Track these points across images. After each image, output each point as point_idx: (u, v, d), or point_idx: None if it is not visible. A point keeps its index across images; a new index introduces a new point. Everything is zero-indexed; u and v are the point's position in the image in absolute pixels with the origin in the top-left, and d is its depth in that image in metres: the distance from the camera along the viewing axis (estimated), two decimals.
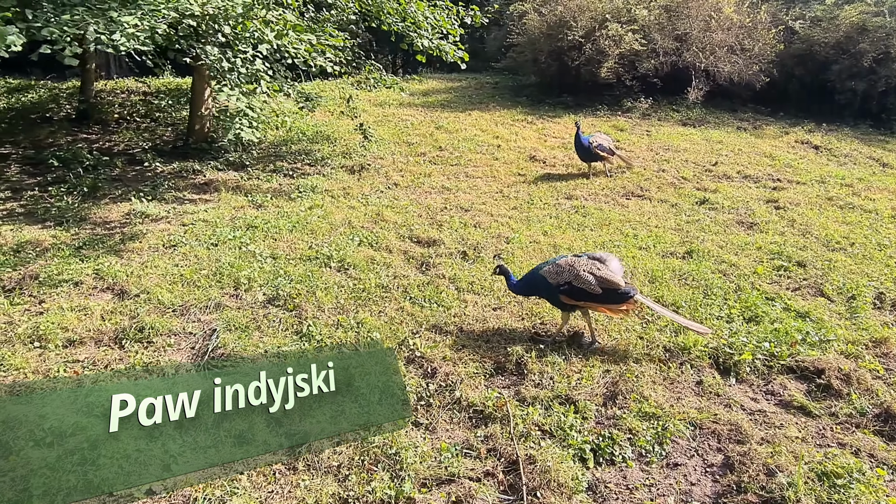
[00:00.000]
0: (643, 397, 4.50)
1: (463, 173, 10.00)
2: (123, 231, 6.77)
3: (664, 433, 4.21)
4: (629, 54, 14.55)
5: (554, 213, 8.25)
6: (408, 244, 6.86)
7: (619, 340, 5.21)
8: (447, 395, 4.42)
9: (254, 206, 7.87)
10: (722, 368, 5.05)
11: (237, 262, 5.98)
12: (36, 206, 7.43)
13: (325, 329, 5.01)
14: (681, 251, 6.99)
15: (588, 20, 14.63)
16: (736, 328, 5.43)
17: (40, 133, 10.62)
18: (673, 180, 9.95)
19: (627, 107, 15.11)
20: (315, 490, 3.52)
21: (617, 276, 4.96)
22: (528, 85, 17.11)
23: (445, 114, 13.99)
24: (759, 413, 4.56)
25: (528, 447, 3.98)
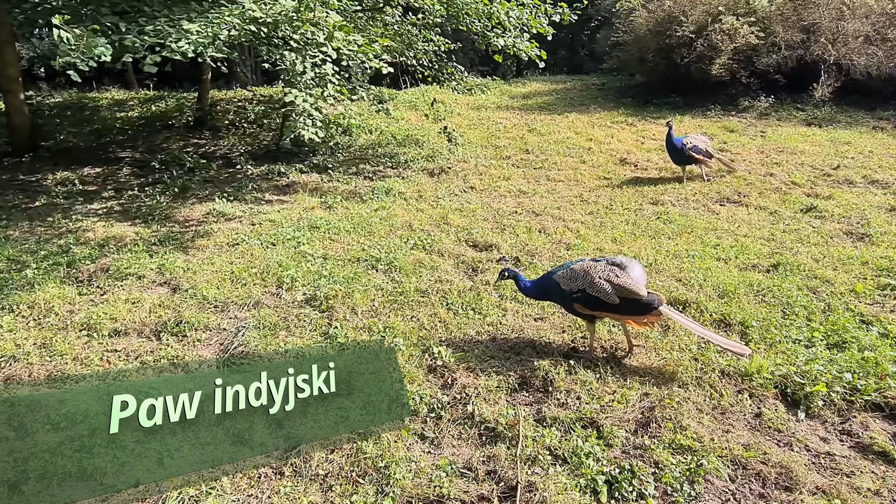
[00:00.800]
0: (681, 427, 3.99)
1: (545, 177, 9.62)
2: (197, 229, 7.15)
3: (697, 470, 3.68)
4: (745, 49, 13.36)
5: (632, 219, 7.68)
6: (462, 248, 6.66)
7: (668, 361, 4.68)
8: (460, 409, 4.17)
9: (324, 207, 8.03)
10: (790, 400, 4.38)
11: (286, 262, 6.09)
12: (131, 204, 8.07)
13: (352, 332, 4.93)
14: (765, 264, 6.21)
15: (700, 14, 13.62)
16: (814, 354, 4.70)
17: (157, 139, 11.60)
18: (779, 185, 8.94)
19: (744, 106, 13.89)
20: (295, 498, 3.43)
21: (637, 285, 4.43)
22: (635, 85, 16.26)
23: (541, 116, 13.61)
24: (825, 456, 3.89)
25: (532, 472, 3.65)
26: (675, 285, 5.76)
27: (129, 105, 14.60)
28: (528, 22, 9.97)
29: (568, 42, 26.43)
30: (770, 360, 4.67)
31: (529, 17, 9.96)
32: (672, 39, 13.71)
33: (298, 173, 9.62)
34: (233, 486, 3.48)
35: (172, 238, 6.84)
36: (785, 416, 4.23)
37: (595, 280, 4.40)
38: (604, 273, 4.44)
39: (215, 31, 5.81)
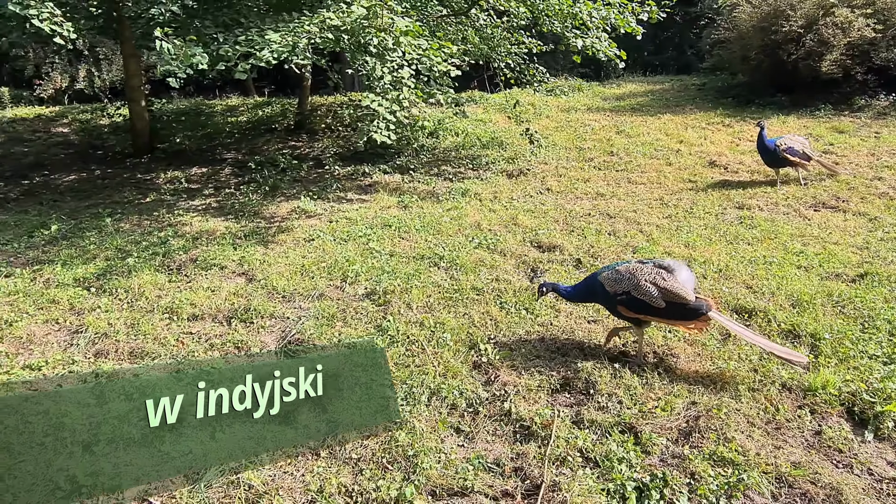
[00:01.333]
0: (725, 439, 3.82)
1: (626, 179, 9.38)
2: (280, 225, 7.63)
3: (737, 485, 3.52)
4: (861, 43, 12.27)
5: (711, 223, 7.34)
6: (527, 248, 6.66)
7: (724, 370, 4.47)
8: (498, 406, 4.22)
9: (400, 206, 8.30)
10: (857, 419, 4.07)
11: (354, 258, 6.38)
12: (227, 201, 8.74)
13: (404, 325, 5.11)
14: (852, 273, 5.75)
15: (811, 7, 12.67)
16: (892, 372, 4.32)
17: (259, 141, 12.43)
18: (887, 190, 8.20)
19: (859, 105, 12.79)
20: (327, 478, 3.62)
21: (685, 289, 4.25)
22: (736, 85, 15.38)
23: (632, 118, 13.23)
24: (889, 481, 3.59)
25: (559, 473, 3.64)
26: (744, 293, 5.47)
27: (240, 111, 15.72)
28: (615, 21, 9.76)
29: (675, 42, 25.44)
30: (839, 375, 4.35)
31: (616, 16, 9.75)
32: (778, 35, 12.85)
33: (381, 174, 9.98)
34: (272, 463, 3.74)
35: (256, 233, 7.35)
36: (849, 435, 3.94)
37: (640, 283, 4.29)
38: (650, 276, 4.32)
39: (294, 40, 6.20)
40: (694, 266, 6.05)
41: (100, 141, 13.30)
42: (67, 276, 6.27)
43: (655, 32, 28.03)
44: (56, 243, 7.40)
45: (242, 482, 3.53)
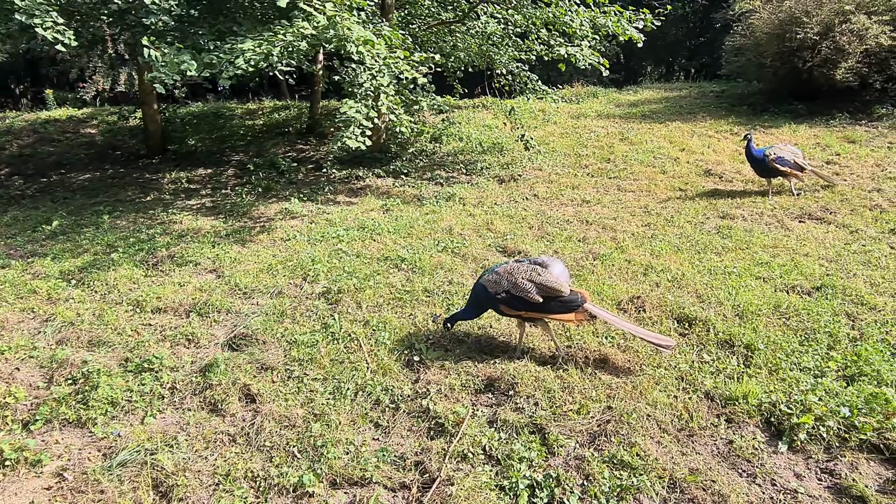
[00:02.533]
0: (629, 443, 3.88)
1: (616, 186, 9.37)
2: (264, 225, 7.91)
3: (629, 488, 3.59)
4: (879, 51, 11.94)
5: (688, 232, 7.30)
6: (490, 253, 6.77)
7: (651, 376, 4.51)
8: (419, 403, 4.36)
9: (383, 209, 8.49)
10: (774, 430, 4.07)
11: (320, 257, 6.59)
12: (222, 201, 9.09)
13: (348, 324, 5.29)
14: (808, 286, 5.67)
15: (827, 14, 12.39)
16: (818, 384, 4.29)
17: (268, 144, 12.82)
18: (881, 202, 8.00)
19: (879, 115, 12.43)
20: (234, 463, 3.82)
21: (559, 282, 4.40)
22: (754, 92, 15.12)
23: (640, 125, 13.15)
24: (788, 493, 3.60)
25: (457, 468, 3.76)
26: (691, 301, 5.47)
27: (258, 114, 16.20)
28: (613, 29, 9.80)
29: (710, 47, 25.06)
30: (763, 386, 4.35)
31: (614, 24, 9.78)
32: (793, 42, 12.59)
33: (375, 177, 10.20)
34: (189, 447, 3.95)
35: (239, 232, 7.65)
36: (762, 445, 3.94)
37: (518, 280, 4.44)
38: (526, 273, 4.48)
39: (268, 48, 6.46)
40: (650, 274, 6.07)
41: (120, 142, 13.93)
42: (54, 268, 6.67)
43: (689, 38, 27.74)
44: (55, 238, 7.85)
45: (156, 463, 3.75)
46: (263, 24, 7.54)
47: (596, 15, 9.83)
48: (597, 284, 5.83)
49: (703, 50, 26.67)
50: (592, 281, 5.93)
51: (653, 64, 28.68)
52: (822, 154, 10.58)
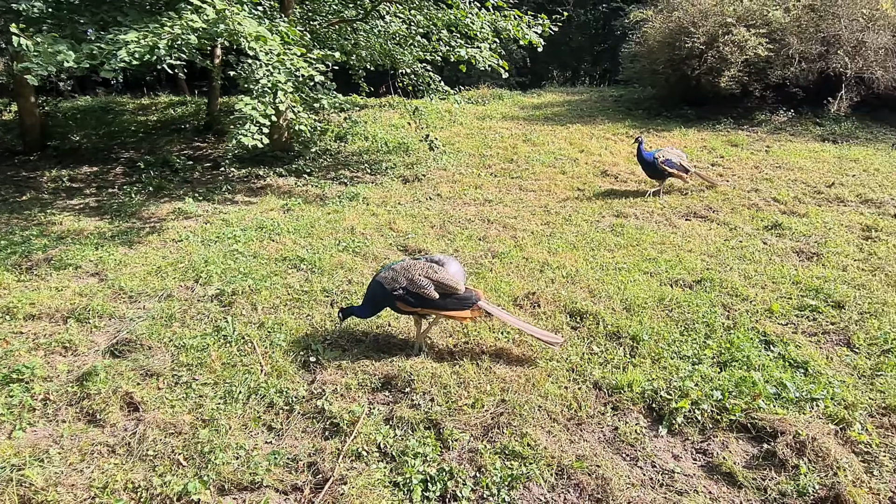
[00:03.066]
0: (521, 434, 3.98)
1: (518, 186, 9.61)
2: (154, 226, 7.53)
3: (520, 477, 3.68)
4: (758, 61, 12.94)
5: (583, 230, 7.60)
6: (392, 252, 6.77)
7: (544, 369, 4.65)
8: (314, 404, 4.28)
9: (283, 209, 8.29)
10: (655, 416, 4.29)
11: (214, 259, 6.34)
12: (108, 201, 8.56)
13: (242, 326, 5.12)
14: (690, 279, 6.05)
15: (713, 25, 13.29)
16: (695, 371, 4.57)
17: (162, 142, 12.22)
18: (758, 202, 8.64)
19: (759, 120, 13.48)
20: (113, 475, 3.60)
21: (455, 280, 4.52)
22: (649, 97, 15.98)
23: (543, 127, 13.57)
24: (665, 473, 3.80)
25: (352, 467, 3.72)
26: (583, 296, 5.70)
27: (152, 109, 15.40)
28: (514, 33, 10.04)
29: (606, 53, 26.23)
30: (647, 374, 4.58)
31: (515, 29, 10.02)
32: (682, 51, 13.43)
33: (276, 177, 9.95)
34: (62, 460, 3.69)
35: (126, 233, 7.23)
36: (645, 430, 4.15)
37: (415, 277, 4.49)
38: (423, 270, 4.54)
39: (153, 41, 6.14)
40: (546, 271, 6.27)
41: None
42: None
43: (593, 45, 28.94)
44: None
45: (23, 479, 3.48)
46: (151, 15, 7.17)
47: (497, 18, 10.04)
48: (495, 281, 5.95)
49: (605, 56, 27.88)
50: (491, 278, 6.05)
51: (558, 68, 29.74)
52: (708, 156, 11.31)
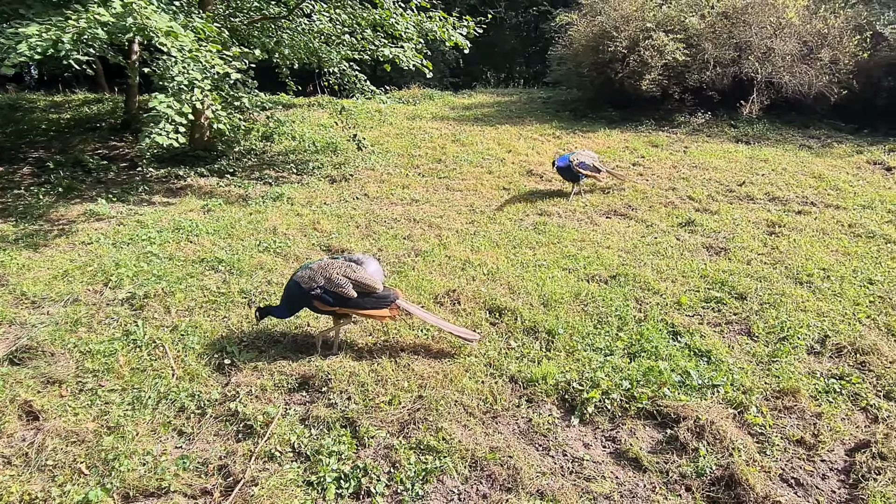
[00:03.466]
0: (436, 429, 4.02)
1: (445, 186, 9.68)
2: (64, 228, 7.18)
3: (434, 471, 3.72)
4: (675, 66, 13.49)
5: (507, 228, 7.73)
6: (315, 252, 6.70)
7: (462, 364, 4.71)
8: (227, 406, 4.20)
9: (204, 210, 8.07)
10: (568, 406, 4.42)
11: (126, 261, 6.12)
12: (13, 203, 8.11)
13: (154, 330, 4.97)
14: (606, 275, 6.26)
15: (634, 30, 13.76)
16: (606, 362, 4.73)
17: (76, 140, 11.66)
18: (674, 200, 9.00)
19: (679, 122, 14.03)
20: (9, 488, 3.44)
21: (373, 279, 4.57)
22: (576, 99, 16.40)
23: (473, 127, 13.71)
24: (575, 461, 3.93)
25: (264, 468, 3.67)
26: (503, 293, 5.80)
27: (66, 107, 14.68)
28: (439, 34, 10.12)
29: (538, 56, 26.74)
30: (561, 367, 4.71)
31: (440, 30, 10.10)
32: (606, 54, 13.84)
33: (197, 177, 9.67)
34: None
35: (31, 236, 6.87)
36: (557, 421, 4.27)
37: (333, 276, 4.49)
38: (341, 269, 4.54)
39: (56, 35, 5.87)
40: (468, 269, 6.35)
41: None
42: None
43: (525, 47, 29.45)
44: None
45: None
46: (57, 8, 6.83)
47: (422, 20, 10.10)
48: (417, 280, 5.98)
49: (536, 58, 28.39)
50: (413, 276, 6.08)
51: (492, 70, 30.14)
52: (630, 156, 11.67)
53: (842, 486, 3.79)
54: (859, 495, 3.64)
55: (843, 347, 5.05)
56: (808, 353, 5.04)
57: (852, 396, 4.55)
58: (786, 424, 4.27)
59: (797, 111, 14.25)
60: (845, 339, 5.12)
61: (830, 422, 4.26)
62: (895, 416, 4.34)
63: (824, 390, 4.58)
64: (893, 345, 5.10)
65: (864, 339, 5.09)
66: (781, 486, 3.77)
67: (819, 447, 4.06)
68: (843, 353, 5.02)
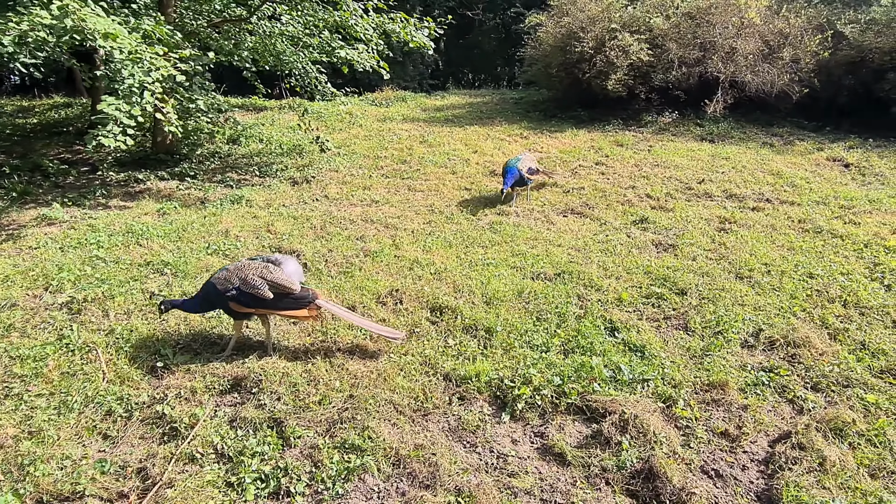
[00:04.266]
0: (364, 427, 4.04)
1: (406, 187, 9.69)
2: (12, 233, 7.13)
3: (356, 469, 3.74)
4: (640, 65, 13.59)
5: (463, 228, 7.75)
6: (264, 253, 6.70)
7: (396, 363, 4.73)
8: (154, 409, 4.19)
9: (159, 213, 8.02)
10: (500, 403, 4.46)
11: (70, 265, 6.08)
12: None
13: (89, 333, 4.95)
14: (552, 272, 6.30)
15: (600, 30, 13.85)
16: (541, 359, 4.77)
17: (39, 145, 11.56)
18: (632, 198, 9.06)
19: (646, 121, 14.12)
20: None
21: (290, 280, 4.59)
22: (546, 100, 16.47)
23: (442, 128, 13.73)
24: (500, 457, 3.97)
25: (183, 470, 3.67)
26: (447, 291, 5.83)
27: (33, 112, 14.57)
28: (402, 36, 10.15)
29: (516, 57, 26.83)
30: (495, 364, 4.74)
31: (402, 30, 10.13)
32: (573, 55, 13.91)
33: (157, 180, 9.62)
34: None
35: None
36: (488, 418, 4.30)
37: (248, 277, 4.49)
38: (257, 270, 4.54)
39: None
40: (416, 268, 6.37)
41: None
42: None
43: (504, 48, 29.56)
44: None
45: None
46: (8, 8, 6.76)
47: (384, 21, 10.12)
48: (362, 280, 6.00)
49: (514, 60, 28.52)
50: (359, 277, 6.09)
51: (472, 71, 30.27)
52: (595, 155, 11.73)
53: (760, 477, 3.86)
54: (775, 485, 3.70)
55: (776, 340, 5.13)
56: (741, 347, 5.11)
57: (780, 389, 4.63)
58: (712, 417, 4.34)
59: (762, 110, 14.40)
60: (778, 332, 5.20)
61: (756, 414, 4.33)
62: (820, 407, 4.42)
63: (753, 383, 4.66)
64: (825, 337, 5.19)
65: (796, 332, 5.17)
66: (701, 477, 3.84)
67: (742, 439, 4.13)
68: (775, 346, 5.10)
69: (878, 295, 5.84)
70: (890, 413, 4.34)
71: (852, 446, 4.03)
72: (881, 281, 6.16)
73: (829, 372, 4.75)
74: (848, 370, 4.77)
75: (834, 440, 4.06)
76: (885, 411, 4.35)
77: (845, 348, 5.06)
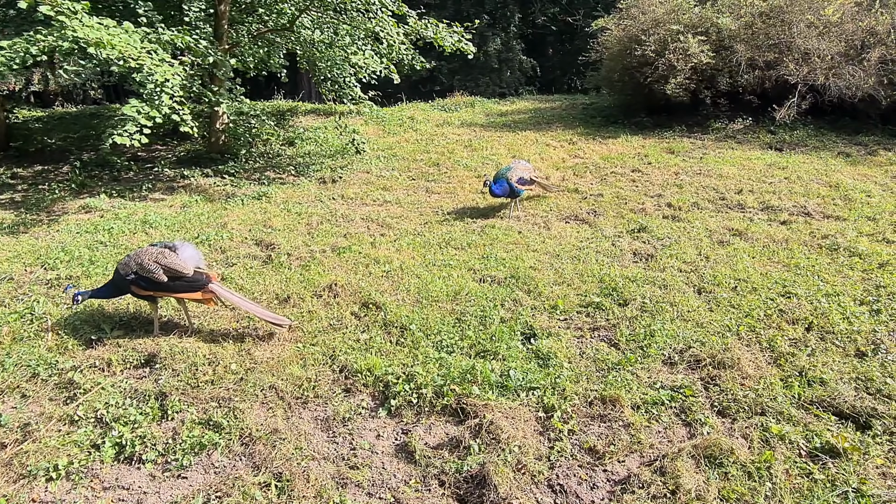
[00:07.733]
0: (236, 409, 4.29)
1: (425, 189, 9.87)
2: (53, 218, 8.15)
3: (207, 445, 4.01)
4: (705, 68, 12.80)
5: (451, 231, 7.78)
6: (245, 246, 7.15)
7: (301, 352, 4.94)
8: (69, 376, 4.66)
9: (182, 206, 8.80)
10: (383, 398, 4.54)
11: (72, 248, 6.87)
12: (34, 196, 9.28)
13: (53, 307, 5.60)
14: (504, 276, 6.21)
15: (663, 33, 13.23)
16: (439, 358, 4.79)
17: None
18: (648, 207, 8.62)
19: (713, 128, 13.30)
20: None
21: (183, 264, 4.89)
22: (611, 105, 15.95)
23: (493, 133, 13.76)
24: (353, 450, 4.09)
25: (57, 429, 4.12)
26: (384, 289, 5.95)
27: None
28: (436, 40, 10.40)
29: None
30: (390, 360, 4.82)
31: (435, 37, 10.37)
32: (634, 59, 13.42)
33: (202, 177, 10.49)
34: None
35: (20, 224, 7.86)
36: (365, 411, 4.41)
37: (144, 262, 4.83)
38: (154, 255, 4.88)
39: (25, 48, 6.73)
40: (372, 266, 6.53)
41: None
42: None
43: None
44: None
45: None
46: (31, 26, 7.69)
47: (419, 27, 10.40)
48: (313, 274, 6.26)
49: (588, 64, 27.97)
50: (313, 271, 6.36)
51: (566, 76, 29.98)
52: (636, 162, 11.21)
53: (605, 498, 3.66)
54: None
55: (702, 360, 4.77)
56: (662, 364, 4.82)
57: (681, 410, 4.33)
58: (588, 431, 4.16)
59: (851, 116, 13.05)
60: (707, 351, 4.83)
61: (637, 433, 4.09)
62: (719, 432, 4.08)
63: (652, 401, 4.37)
64: (761, 361, 4.75)
65: (728, 352, 4.78)
66: (540, 490, 3.71)
67: (608, 457, 3.93)
68: (699, 365, 4.74)
69: (856, 320, 5.22)
70: (794, 446, 3.92)
71: (727, 477, 3.70)
72: (871, 305, 5.49)
73: (744, 397, 4.36)
74: (768, 397, 4.35)
75: (705, 468, 3.75)
76: (789, 444, 3.94)
77: (778, 374, 4.60)
